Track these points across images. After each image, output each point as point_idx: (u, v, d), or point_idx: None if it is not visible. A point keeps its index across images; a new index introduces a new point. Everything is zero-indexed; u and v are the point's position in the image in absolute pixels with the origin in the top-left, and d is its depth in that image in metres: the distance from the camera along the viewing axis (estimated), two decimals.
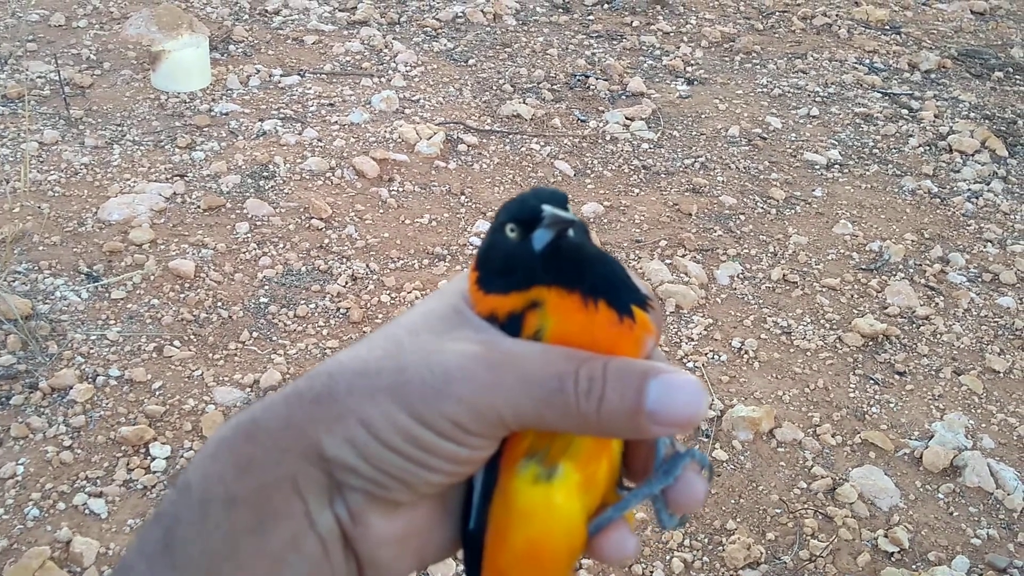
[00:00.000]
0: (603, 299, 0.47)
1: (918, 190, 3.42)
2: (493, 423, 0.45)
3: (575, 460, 0.48)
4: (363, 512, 0.46)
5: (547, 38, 4.33)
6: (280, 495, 0.44)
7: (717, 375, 2.51)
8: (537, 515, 0.47)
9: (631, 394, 0.45)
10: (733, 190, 3.33)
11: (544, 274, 0.47)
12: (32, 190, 2.96)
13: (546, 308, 0.47)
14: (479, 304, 0.48)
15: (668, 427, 0.45)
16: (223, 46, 3.97)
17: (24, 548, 1.90)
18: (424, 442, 0.44)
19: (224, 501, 0.45)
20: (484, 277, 0.49)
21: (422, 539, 0.49)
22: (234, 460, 0.45)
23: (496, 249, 0.49)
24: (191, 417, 2.25)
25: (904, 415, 2.45)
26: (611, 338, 0.47)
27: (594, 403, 0.44)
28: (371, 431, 0.44)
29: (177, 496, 0.46)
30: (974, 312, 2.86)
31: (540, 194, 0.48)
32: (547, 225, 0.46)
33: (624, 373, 0.45)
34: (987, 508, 2.21)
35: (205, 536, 0.44)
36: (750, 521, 2.12)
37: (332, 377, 0.46)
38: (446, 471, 0.46)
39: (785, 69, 4.25)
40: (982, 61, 4.46)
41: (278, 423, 0.45)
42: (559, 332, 0.47)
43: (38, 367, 2.35)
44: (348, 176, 3.18)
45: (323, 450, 0.44)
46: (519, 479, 0.48)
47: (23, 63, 3.72)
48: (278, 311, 2.61)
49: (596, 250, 0.48)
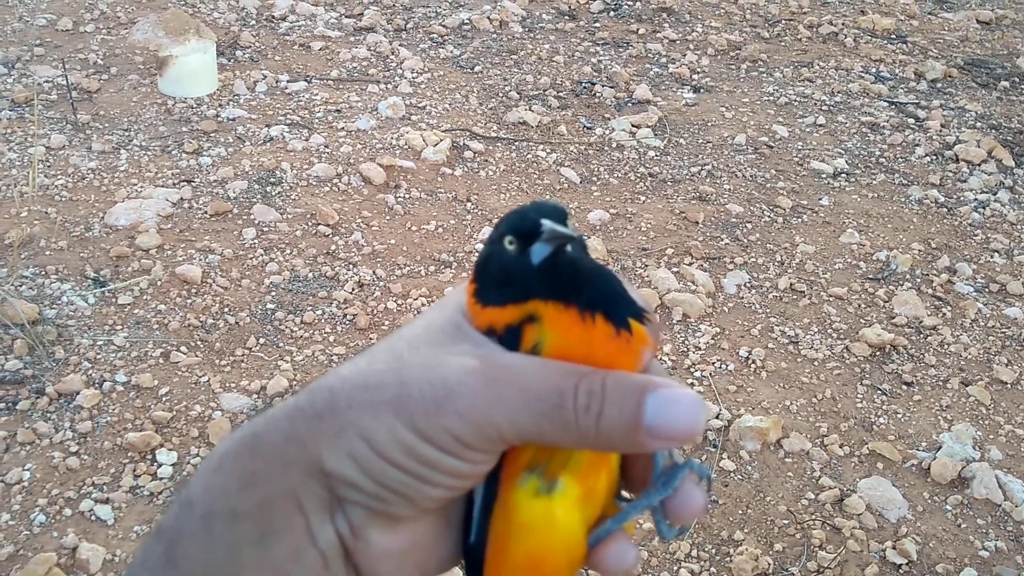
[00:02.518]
0: (600, 313, 0.47)
1: (925, 200, 3.41)
2: (492, 438, 0.45)
3: (575, 473, 0.48)
4: (364, 527, 0.46)
5: (553, 45, 4.33)
6: (282, 509, 0.45)
7: (724, 384, 2.50)
8: (538, 528, 0.48)
9: (629, 409, 0.45)
10: (740, 198, 3.32)
11: (541, 288, 0.47)
12: (39, 195, 2.97)
13: (543, 322, 0.47)
14: (477, 318, 0.49)
15: (666, 441, 0.45)
16: (230, 52, 3.98)
17: (30, 554, 1.90)
18: (425, 456, 0.44)
19: (227, 515, 0.45)
20: (481, 289, 0.49)
21: (423, 553, 0.49)
22: (237, 474, 0.46)
23: (494, 261, 0.49)
24: (198, 423, 2.25)
25: (912, 426, 2.44)
26: (609, 352, 0.47)
27: (593, 418, 0.45)
28: (372, 445, 0.44)
29: (180, 510, 0.46)
30: (981, 322, 2.85)
31: (540, 208, 0.49)
32: (546, 240, 0.47)
33: (622, 388, 0.45)
34: (995, 520, 2.20)
35: (208, 550, 0.45)
36: (758, 532, 2.12)
37: (333, 391, 0.46)
38: (447, 485, 0.46)
39: (791, 78, 4.25)
40: (988, 71, 4.46)
41: (280, 437, 0.46)
42: (557, 346, 0.47)
43: (45, 372, 2.34)
44: (355, 182, 3.18)
45: (324, 464, 0.44)
46: (519, 493, 0.48)
47: (31, 68, 3.72)
48: (285, 317, 2.60)
49: (593, 264, 0.49)
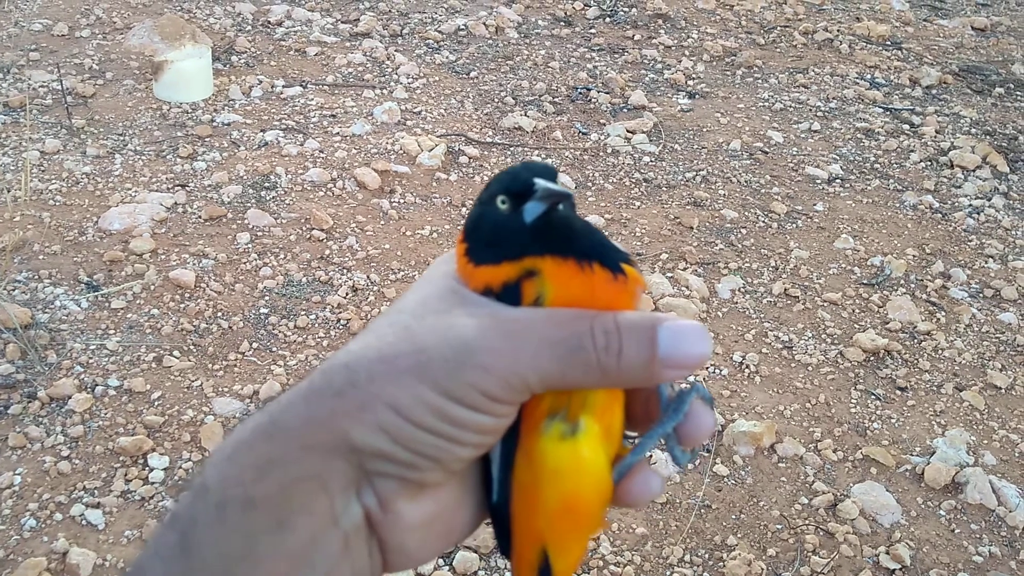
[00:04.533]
0: (596, 261, 0.49)
1: (919, 205, 3.42)
2: (519, 388, 0.46)
3: (593, 413, 0.49)
4: (392, 499, 0.46)
5: (549, 51, 4.34)
6: (302, 494, 0.44)
7: (718, 389, 2.50)
8: (568, 470, 0.49)
9: (645, 344, 0.47)
10: (734, 204, 3.33)
11: (535, 245, 0.49)
12: (33, 199, 2.96)
13: (544, 276, 0.48)
14: (471, 279, 0.50)
15: (680, 370, 0.48)
16: (225, 57, 3.98)
17: (20, 559, 1.89)
18: (455, 416, 0.45)
19: (242, 503, 0.44)
20: (473, 248, 0.50)
21: (447, 520, 0.50)
22: (253, 461, 0.45)
23: (486, 221, 0.50)
24: (190, 428, 2.24)
25: (905, 431, 2.44)
26: (610, 295, 0.49)
27: (614, 356, 0.47)
28: (401, 413, 0.44)
29: (194, 498, 0.46)
30: (975, 328, 2.85)
31: (531, 167, 0.50)
32: (540, 198, 0.48)
33: (634, 325, 0.47)
34: (989, 525, 2.20)
35: (222, 538, 0.44)
36: (751, 537, 2.11)
37: (350, 367, 0.46)
38: (474, 443, 0.47)
39: (786, 84, 4.25)
40: (983, 77, 4.47)
41: (298, 421, 0.45)
42: (560, 296, 0.48)
43: (37, 376, 2.34)
44: (349, 187, 3.18)
45: (353, 441, 0.44)
46: (545, 439, 0.49)
47: (25, 72, 3.72)
48: (278, 322, 2.60)
49: (581, 221, 0.51)
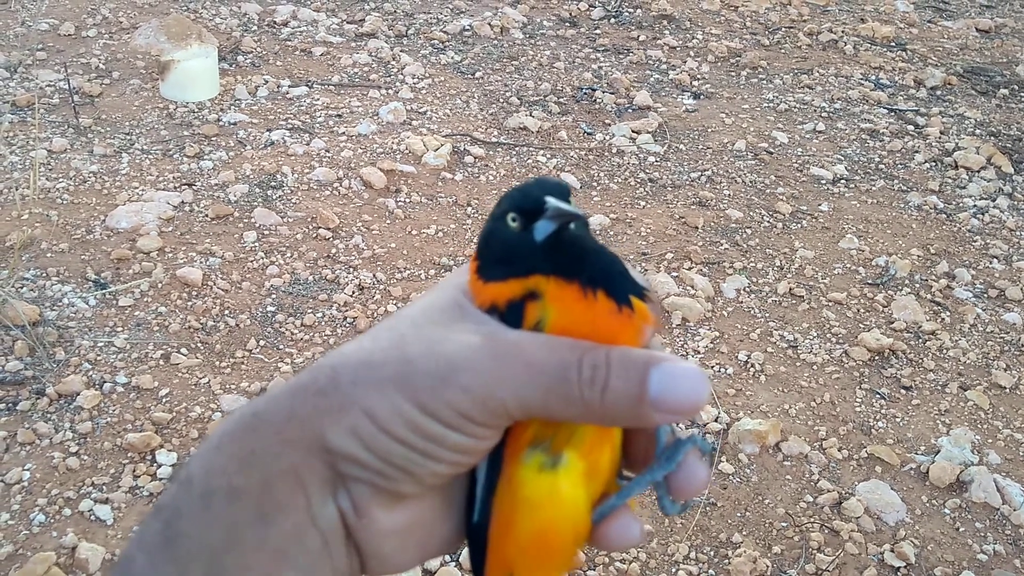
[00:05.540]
0: (601, 289, 0.47)
1: (924, 206, 3.42)
2: (498, 413, 0.45)
3: (579, 449, 0.48)
4: (367, 505, 0.46)
5: (554, 51, 4.35)
6: (282, 488, 0.44)
7: (723, 388, 2.51)
8: (543, 503, 0.48)
9: (634, 382, 0.45)
10: (739, 204, 3.33)
11: (543, 264, 0.47)
12: (41, 197, 2.98)
13: (546, 298, 0.47)
14: (479, 296, 0.49)
15: (671, 415, 0.45)
16: (232, 56, 3.99)
17: (30, 554, 1.90)
18: (430, 432, 0.44)
19: (226, 494, 0.44)
20: (483, 266, 0.49)
21: (425, 532, 0.49)
22: (237, 453, 0.45)
23: (496, 238, 0.49)
24: (197, 424, 2.25)
25: (910, 430, 2.45)
26: (611, 327, 0.47)
27: (598, 391, 0.45)
28: (376, 422, 0.44)
29: (178, 489, 0.46)
30: (980, 328, 2.86)
31: (544, 185, 0.49)
32: (550, 217, 0.47)
33: (627, 362, 0.45)
34: (993, 524, 2.20)
35: (206, 529, 0.44)
36: (756, 534, 2.12)
37: (335, 369, 0.46)
38: (450, 461, 0.46)
39: (791, 84, 4.26)
40: (988, 78, 4.48)
41: (281, 416, 0.45)
42: (560, 322, 0.47)
43: (45, 373, 2.35)
44: (355, 187, 3.19)
45: (327, 442, 0.44)
46: (524, 468, 0.48)
47: (33, 72, 3.74)
48: (285, 320, 2.61)
49: (595, 243, 0.49)
